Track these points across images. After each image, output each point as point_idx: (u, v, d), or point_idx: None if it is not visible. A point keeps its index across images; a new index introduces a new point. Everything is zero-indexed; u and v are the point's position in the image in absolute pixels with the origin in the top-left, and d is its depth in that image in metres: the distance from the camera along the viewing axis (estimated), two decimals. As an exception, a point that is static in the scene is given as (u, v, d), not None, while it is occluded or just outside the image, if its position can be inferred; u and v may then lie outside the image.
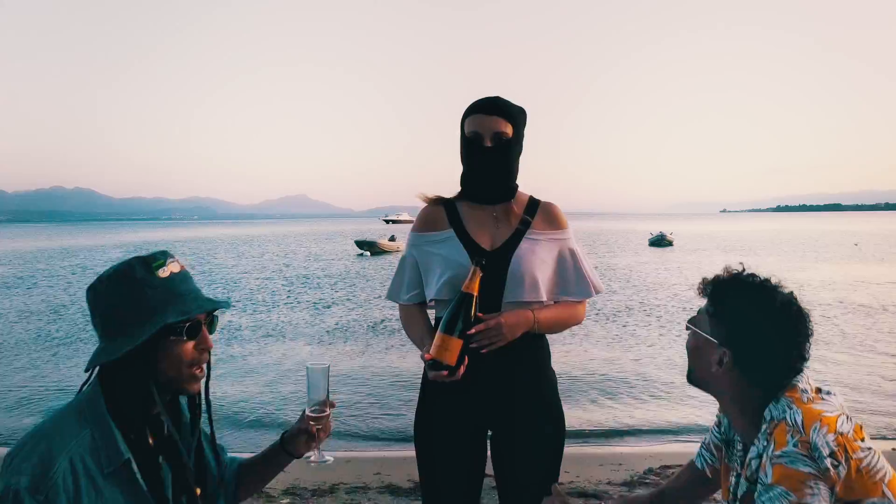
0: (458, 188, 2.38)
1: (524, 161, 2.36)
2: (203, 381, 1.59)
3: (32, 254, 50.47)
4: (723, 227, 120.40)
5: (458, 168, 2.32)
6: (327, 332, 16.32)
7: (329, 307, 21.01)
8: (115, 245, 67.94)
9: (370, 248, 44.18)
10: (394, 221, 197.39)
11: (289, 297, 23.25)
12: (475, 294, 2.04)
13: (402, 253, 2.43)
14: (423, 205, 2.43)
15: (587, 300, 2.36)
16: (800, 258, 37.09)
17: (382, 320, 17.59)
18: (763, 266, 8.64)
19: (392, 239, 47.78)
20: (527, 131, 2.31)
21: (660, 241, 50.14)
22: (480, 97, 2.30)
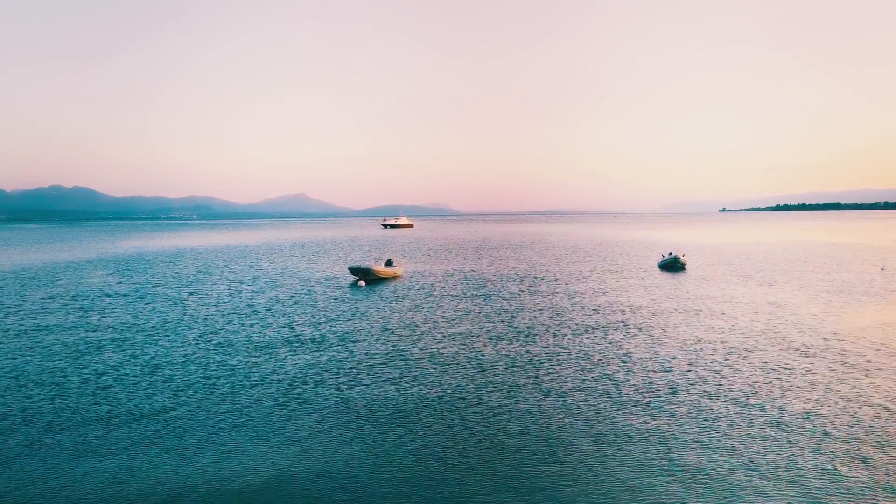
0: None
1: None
2: None
3: (11, 276, 47.88)
4: (726, 232, 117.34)
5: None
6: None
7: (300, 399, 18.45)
8: (104, 259, 65.38)
9: (365, 275, 41.56)
10: (392, 226, 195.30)
11: (266, 363, 20.77)
12: None
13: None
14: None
15: None
16: (828, 291, 34.60)
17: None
18: (793, 306, 21.80)
19: (389, 264, 45.09)
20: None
21: (672, 265, 47.62)
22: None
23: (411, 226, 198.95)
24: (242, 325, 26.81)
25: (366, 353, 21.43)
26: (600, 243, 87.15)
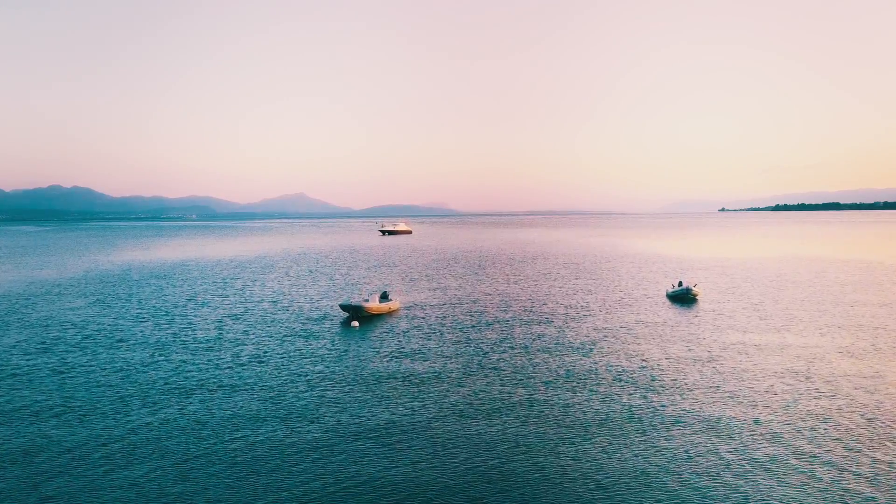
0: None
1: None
2: None
3: (-12, 307, 45.36)
4: (729, 241, 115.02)
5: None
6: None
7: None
8: (90, 278, 62.87)
9: (356, 313, 38.87)
10: (390, 232, 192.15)
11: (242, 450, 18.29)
12: None
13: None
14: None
15: None
16: (856, 336, 32.12)
17: None
18: (827, 362, 24.38)
19: (385, 296, 42.48)
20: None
21: (683, 297, 45.18)
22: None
23: (410, 232, 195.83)
24: (225, 386, 24.33)
25: (355, 424, 18.97)
26: (604, 258, 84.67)
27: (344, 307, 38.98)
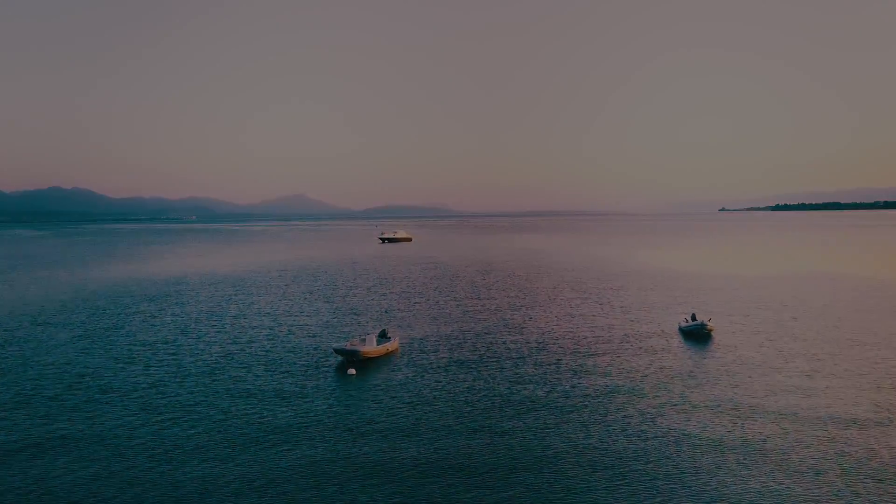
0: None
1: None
2: None
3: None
4: (734, 251, 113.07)
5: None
6: None
7: None
8: (77, 302, 60.88)
9: (352, 357, 36.41)
10: (390, 240, 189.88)
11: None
12: None
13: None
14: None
15: None
16: (892, 387, 30.09)
17: None
18: (867, 435, 21.67)
19: (383, 334, 40.30)
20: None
21: (697, 332, 43.10)
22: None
23: (410, 239, 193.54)
24: (211, 458, 22.28)
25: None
26: (609, 276, 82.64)
27: (338, 351, 36.60)
